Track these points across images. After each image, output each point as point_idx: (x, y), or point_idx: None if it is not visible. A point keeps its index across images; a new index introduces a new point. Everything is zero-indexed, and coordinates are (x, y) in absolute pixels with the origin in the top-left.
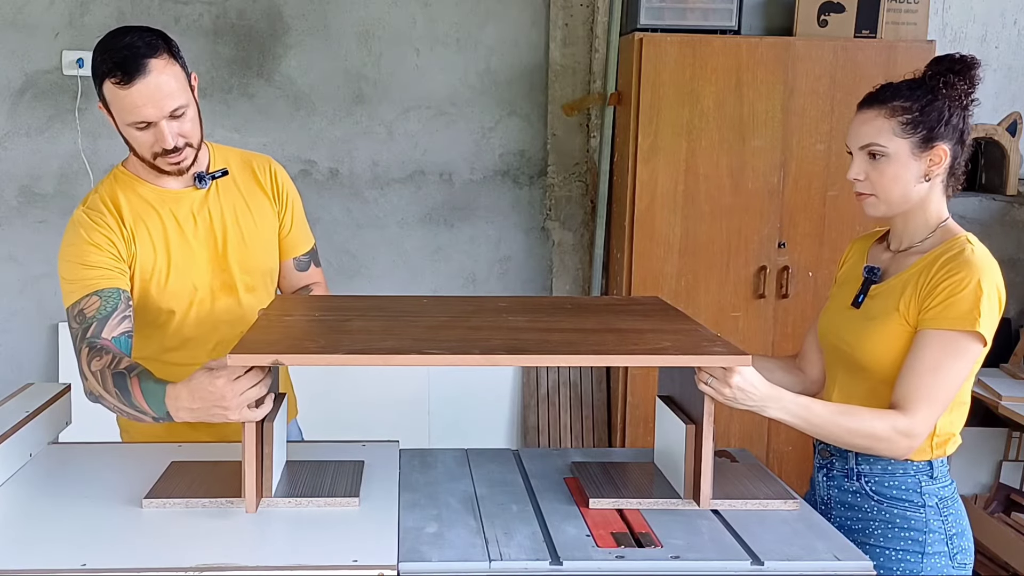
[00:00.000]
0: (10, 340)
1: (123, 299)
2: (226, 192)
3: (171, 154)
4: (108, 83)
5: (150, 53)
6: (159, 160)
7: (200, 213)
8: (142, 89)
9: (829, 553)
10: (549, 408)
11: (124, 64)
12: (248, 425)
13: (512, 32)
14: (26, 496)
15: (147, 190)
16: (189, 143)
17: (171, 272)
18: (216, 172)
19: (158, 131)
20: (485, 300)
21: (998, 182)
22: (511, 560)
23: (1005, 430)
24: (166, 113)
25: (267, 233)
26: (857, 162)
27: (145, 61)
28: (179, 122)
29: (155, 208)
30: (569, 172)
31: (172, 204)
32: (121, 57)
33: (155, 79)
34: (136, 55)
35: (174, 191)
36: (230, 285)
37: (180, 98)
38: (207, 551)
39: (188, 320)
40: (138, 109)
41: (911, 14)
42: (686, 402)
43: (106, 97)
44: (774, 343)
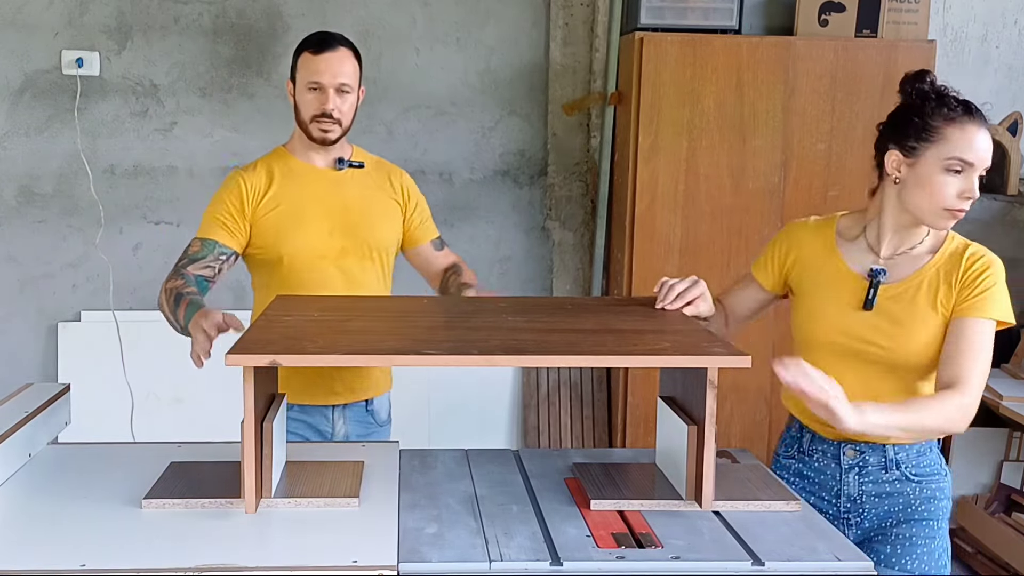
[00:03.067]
0: (10, 340)
1: (215, 251)
2: (358, 180)
3: (325, 119)
4: (305, 53)
5: (344, 42)
6: (313, 124)
7: (334, 188)
8: (328, 59)
9: (830, 553)
10: (549, 408)
11: (322, 40)
12: (248, 425)
13: (512, 32)
14: (26, 496)
15: (296, 163)
16: (340, 121)
17: (297, 226)
18: (354, 162)
19: (324, 95)
20: (485, 300)
21: (998, 182)
22: (511, 561)
23: (1006, 430)
24: (336, 83)
25: (388, 218)
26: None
27: (337, 44)
28: (342, 99)
29: (298, 177)
30: (569, 172)
31: (313, 177)
32: (322, 36)
33: (339, 56)
34: (333, 37)
35: (318, 168)
36: (348, 250)
37: (350, 80)
38: (207, 551)
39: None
40: (319, 72)
41: (912, 14)
42: (687, 403)
43: (297, 67)
44: (774, 343)
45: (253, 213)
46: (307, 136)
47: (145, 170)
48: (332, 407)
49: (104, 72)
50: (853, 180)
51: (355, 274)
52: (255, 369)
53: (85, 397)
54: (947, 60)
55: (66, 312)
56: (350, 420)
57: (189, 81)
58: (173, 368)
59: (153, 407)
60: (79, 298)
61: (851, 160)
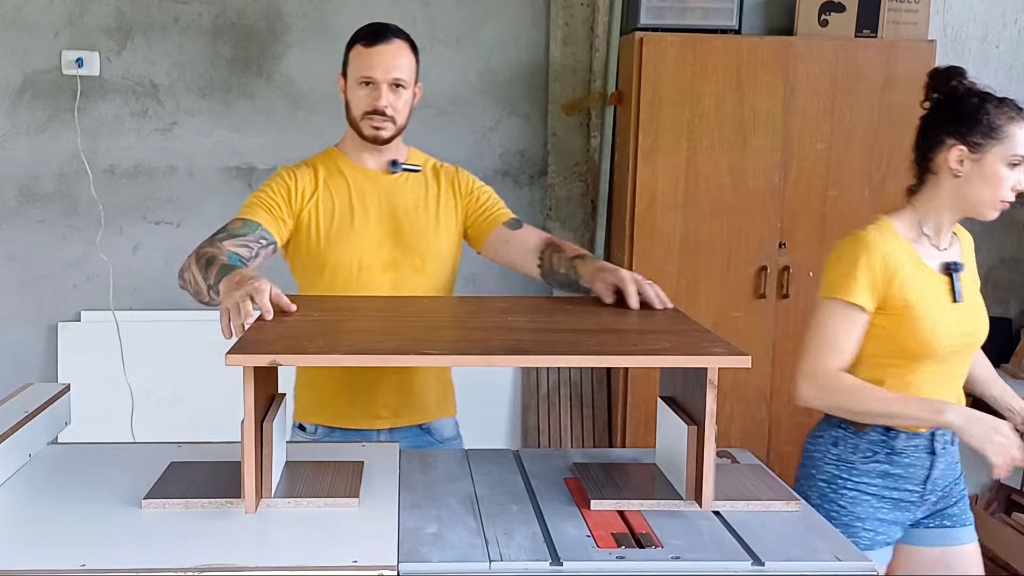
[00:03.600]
0: (10, 340)
1: (256, 232)
2: (415, 185)
3: (377, 116)
4: (357, 46)
5: (398, 34)
6: (365, 121)
7: (386, 193)
8: (381, 51)
9: (830, 553)
10: (549, 408)
11: (376, 32)
12: (248, 425)
13: (512, 32)
14: (26, 496)
15: (346, 164)
16: (395, 118)
17: (342, 235)
18: (410, 165)
19: (376, 91)
20: (485, 300)
21: None
22: (511, 561)
23: None
24: (389, 78)
25: (445, 226)
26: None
27: (391, 36)
28: (396, 95)
29: (347, 179)
30: (569, 172)
31: (363, 180)
32: (375, 27)
33: (393, 49)
34: (387, 29)
35: (370, 170)
36: (399, 262)
37: (405, 75)
38: (207, 551)
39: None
40: (372, 66)
41: (912, 14)
42: (688, 403)
43: (349, 60)
44: (774, 343)
45: (298, 214)
46: (358, 134)
47: (145, 170)
48: (376, 431)
49: (104, 72)
50: (853, 180)
51: (405, 288)
52: (255, 369)
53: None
54: (947, 60)
55: (66, 312)
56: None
57: (189, 81)
58: (173, 368)
59: (153, 407)
60: (79, 298)
61: (851, 160)
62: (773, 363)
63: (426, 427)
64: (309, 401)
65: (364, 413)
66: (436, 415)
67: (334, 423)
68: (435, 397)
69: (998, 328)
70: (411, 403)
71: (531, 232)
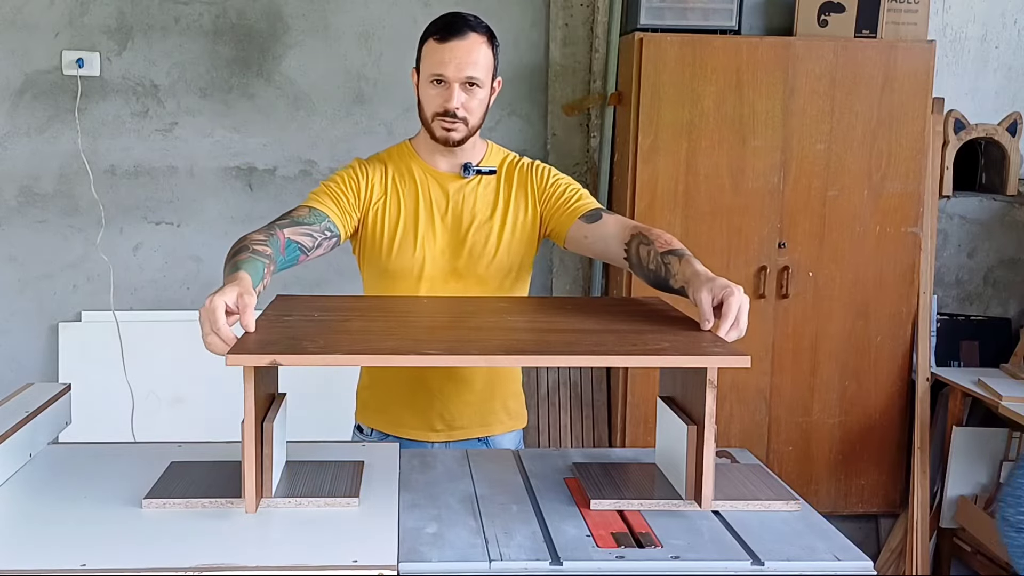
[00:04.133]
0: (10, 340)
1: (322, 223)
2: (487, 189)
3: (448, 118)
4: (429, 41)
5: (474, 27)
6: (436, 122)
7: (455, 199)
8: (453, 47)
9: (829, 553)
10: (549, 408)
11: (449, 25)
12: (248, 425)
13: (512, 32)
14: (26, 496)
15: (417, 164)
16: (467, 119)
17: (405, 241)
18: (484, 168)
19: (448, 91)
20: (485, 300)
21: (998, 182)
22: (511, 560)
23: (1005, 430)
24: (462, 76)
25: (518, 230)
26: None
27: (466, 30)
28: (469, 95)
29: (417, 181)
30: (569, 172)
31: (433, 183)
32: (449, 20)
33: (467, 44)
34: (462, 22)
35: (441, 172)
36: (461, 272)
37: (480, 73)
38: (207, 551)
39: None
40: (443, 63)
41: (911, 14)
42: (687, 403)
43: (422, 55)
44: (774, 343)
45: (365, 210)
46: (430, 135)
47: (145, 170)
48: (431, 443)
49: (105, 72)
50: (853, 180)
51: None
52: (255, 369)
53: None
54: (947, 60)
55: (66, 312)
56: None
57: (189, 81)
58: (173, 368)
59: (153, 407)
60: (79, 298)
61: (851, 160)
62: (773, 363)
63: (485, 440)
64: (369, 403)
65: (420, 423)
66: (499, 429)
67: (390, 430)
68: (499, 411)
69: (998, 328)
70: (470, 417)
71: (612, 222)
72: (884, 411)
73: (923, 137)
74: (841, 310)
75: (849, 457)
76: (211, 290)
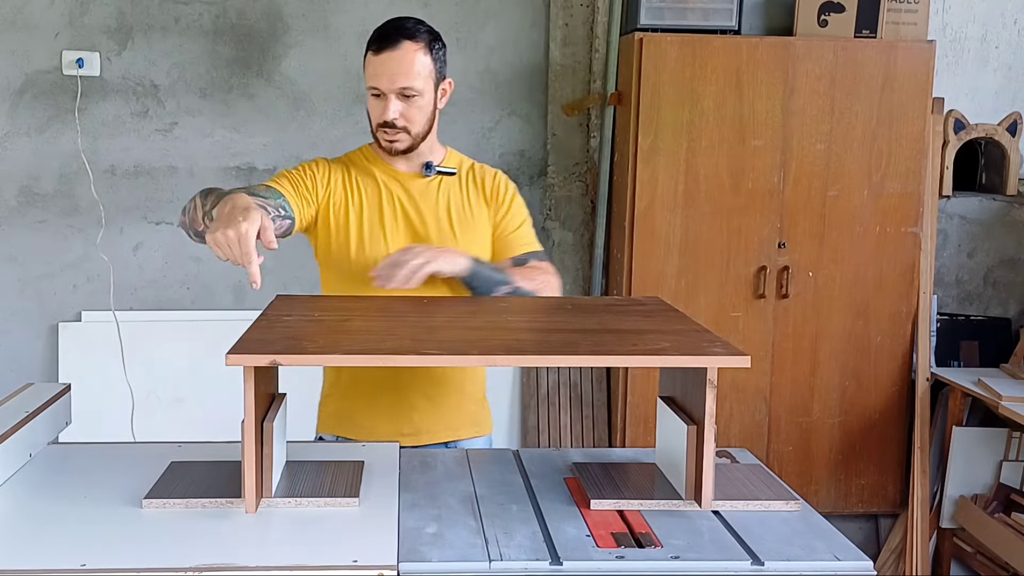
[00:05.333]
0: (10, 340)
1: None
2: (447, 190)
3: (387, 129)
4: (368, 53)
5: (409, 36)
6: (379, 133)
7: (418, 199)
8: (385, 60)
9: (829, 553)
10: (549, 408)
11: (383, 36)
12: (248, 425)
13: (512, 32)
14: (26, 496)
15: (378, 165)
16: (408, 128)
17: (373, 241)
18: (445, 168)
19: (385, 103)
20: (485, 300)
21: (998, 182)
22: (511, 560)
23: (1005, 430)
24: (396, 88)
25: (478, 233)
26: None
27: (400, 39)
28: (407, 105)
29: (379, 182)
30: (569, 172)
31: (396, 183)
32: (384, 31)
33: (399, 55)
34: (396, 32)
35: (402, 173)
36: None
37: (415, 83)
38: (207, 551)
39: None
40: (377, 76)
41: (911, 14)
42: (687, 403)
43: (365, 67)
44: (774, 343)
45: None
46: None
47: (145, 170)
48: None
49: (105, 72)
50: (852, 180)
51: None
52: (255, 369)
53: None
54: (947, 60)
55: (67, 312)
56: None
57: (189, 81)
58: (173, 368)
59: (153, 407)
60: (80, 298)
61: (850, 160)
62: (772, 363)
63: (453, 445)
64: (334, 411)
65: (389, 429)
66: (466, 434)
67: (358, 436)
68: (466, 415)
69: (998, 328)
70: (438, 421)
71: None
72: (884, 411)
73: (923, 137)
74: (841, 310)
75: (849, 457)
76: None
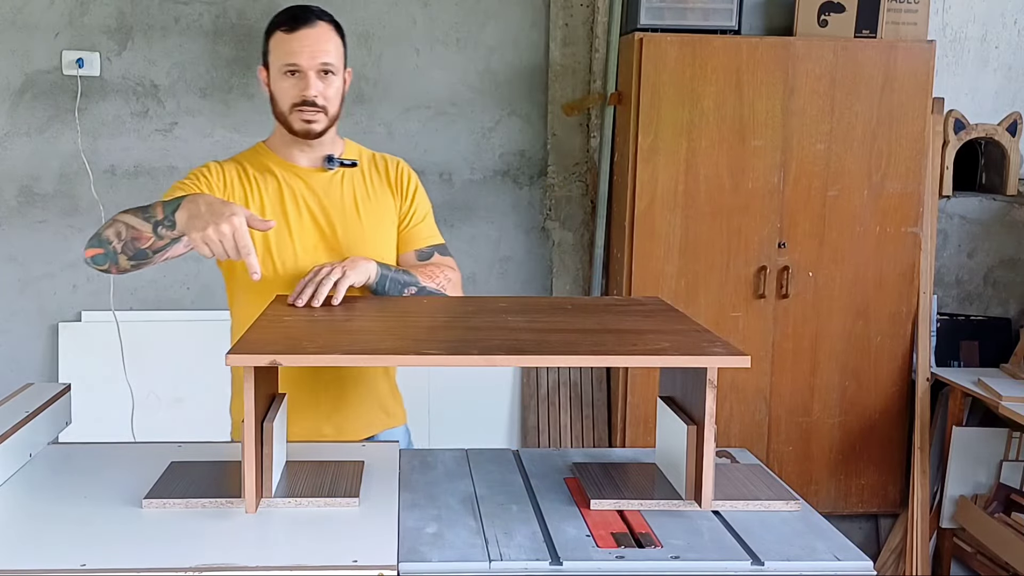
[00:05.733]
0: (10, 340)
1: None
2: (351, 182)
3: (307, 108)
4: (277, 33)
5: (322, 15)
6: (294, 114)
7: (322, 194)
8: (303, 37)
9: (829, 553)
10: (549, 408)
11: (296, 15)
12: (248, 425)
13: (512, 32)
14: (26, 496)
15: (276, 162)
16: (326, 108)
17: (281, 242)
18: (346, 160)
19: (304, 80)
20: (485, 300)
21: (998, 182)
22: (511, 560)
23: (1005, 430)
24: (317, 64)
25: (385, 225)
26: None
27: (314, 19)
28: (325, 83)
29: (279, 179)
30: (569, 172)
31: (296, 179)
32: (295, 11)
33: (318, 32)
34: (309, 10)
35: (303, 168)
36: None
37: (334, 60)
38: (207, 551)
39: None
40: (296, 52)
41: (911, 14)
42: (687, 403)
43: (270, 47)
44: (774, 343)
45: None
46: (287, 129)
47: (145, 170)
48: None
49: (105, 72)
50: (852, 180)
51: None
52: (255, 369)
53: (85, 397)
54: (947, 60)
55: (67, 312)
56: None
57: (189, 81)
58: (173, 368)
59: (153, 407)
60: (80, 298)
61: (850, 160)
62: (772, 363)
63: (373, 439)
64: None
65: (309, 429)
66: (382, 427)
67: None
68: (380, 408)
69: (998, 328)
70: (355, 418)
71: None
72: (884, 411)
73: (923, 137)
74: (841, 310)
75: (849, 457)
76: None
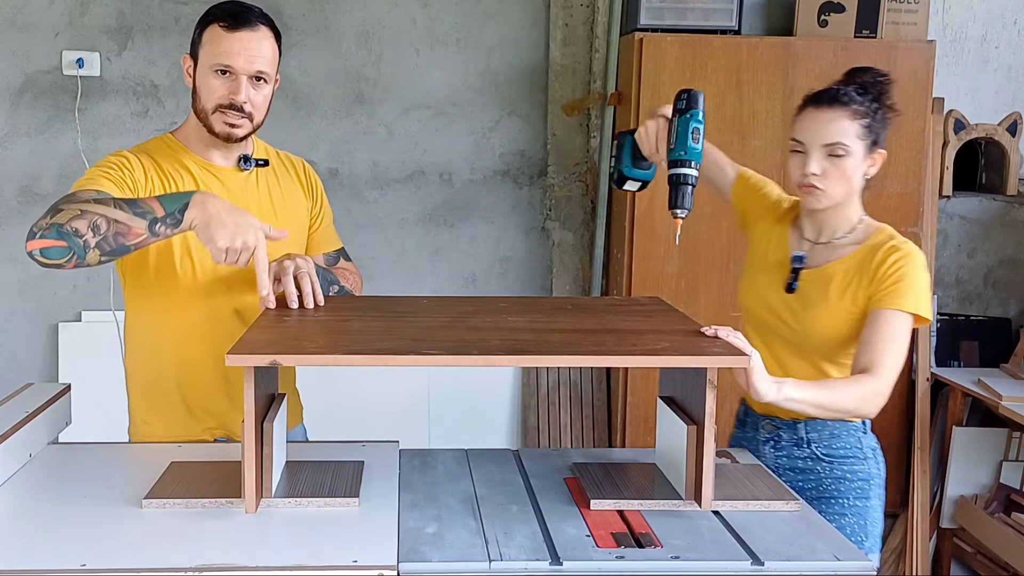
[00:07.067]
0: (10, 340)
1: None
2: (265, 182)
3: (234, 112)
4: (214, 26)
5: (264, 19)
6: (216, 115)
7: (239, 193)
8: (244, 38)
9: (829, 553)
10: (549, 408)
11: (238, 14)
12: (248, 425)
13: (512, 32)
14: (26, 496)
15: (189, 158)
16: (253, 115)
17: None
18: (260, 160)
19: (236, 84)
20: (485, 300)
21: (998, 182)
22: (511, 560)
23: (1005, 430)
24: (252, 70)
25: (299, 226)
26: (817, 159)
27: (256, 21)
28: (256, 90)
29: (196, 177)
30: (569, 172)
31: (213, 179)
32: (237, 9)
33: (258, 37)
34: (251, 12)
35: (217, 166)
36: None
37: (268, 68)
38: (207, 551)
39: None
40: (231, 54)
41: (911, 14)
42: (687, 403)
43: (203, 40)
44: None
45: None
46: (207, 129)
47: None
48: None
49: (105, 72)
50: None
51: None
52: (255, 369)
53: (85, 397)
54: (947, 60)
55: (66, 312)
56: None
57: None
58: None
59: None
60: (79, 298)
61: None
62: None
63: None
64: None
65: (198, 428)
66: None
67: (170, 438)
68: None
69: (998, 328)
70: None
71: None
72: (884, 411)
73: (923, 137)
74: None
75: None
76: None
